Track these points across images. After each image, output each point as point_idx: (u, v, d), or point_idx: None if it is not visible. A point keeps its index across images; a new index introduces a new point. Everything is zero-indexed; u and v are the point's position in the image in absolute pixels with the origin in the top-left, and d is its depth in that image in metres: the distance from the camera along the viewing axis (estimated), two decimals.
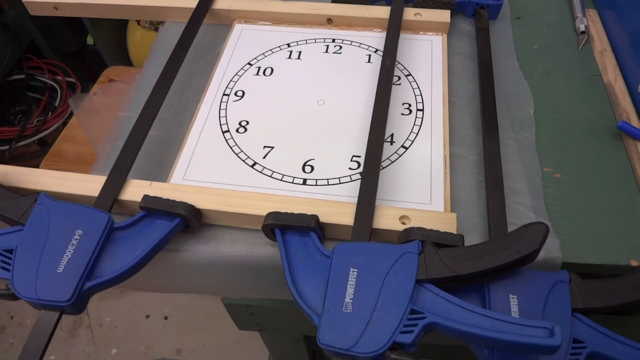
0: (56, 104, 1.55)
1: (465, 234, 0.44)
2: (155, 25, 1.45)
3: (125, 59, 1.54)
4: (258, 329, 0.88)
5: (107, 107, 1.18)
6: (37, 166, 1.63)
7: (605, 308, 0.38)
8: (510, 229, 0.42)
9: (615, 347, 0.36)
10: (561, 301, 0.38)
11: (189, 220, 0.43)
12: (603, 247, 0.44)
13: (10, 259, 0.39)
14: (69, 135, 1.20)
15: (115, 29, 1.50)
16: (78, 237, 0.40)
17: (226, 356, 1.33)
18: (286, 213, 0.41)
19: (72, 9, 0.64)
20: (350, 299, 0.36)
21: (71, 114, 1.56)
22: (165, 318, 1.40)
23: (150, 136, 0.49)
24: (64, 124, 1.58)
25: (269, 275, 0.45)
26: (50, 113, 1.53)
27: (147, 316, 1.40)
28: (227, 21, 0.63)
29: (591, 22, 0.61)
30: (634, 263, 0.43)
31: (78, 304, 0.38)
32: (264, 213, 0.42)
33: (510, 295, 0.38)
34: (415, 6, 0.60)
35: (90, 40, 1.57)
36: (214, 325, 1.37)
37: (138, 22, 1.49)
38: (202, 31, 0.59)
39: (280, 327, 0.88)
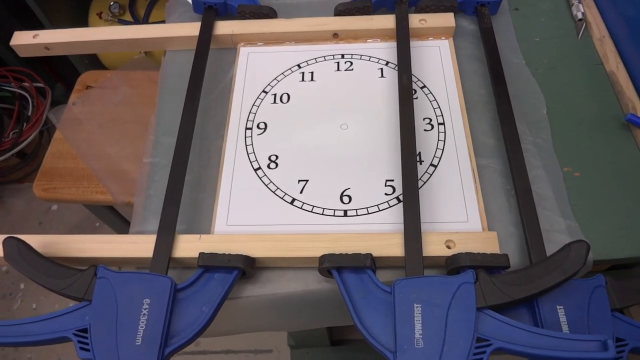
0: (29, 113, 1.49)
1: (503, 244, 0.47)
2: (117, 17, 1.38)
3: (91, 57, 1.47)
4: None
5: (90, 117, 1.14)
6: (20, 179, 1.59)
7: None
8: (543, 236, 0.46)
9: None
10: (601, 304, 0.42)
11: (246, 270, 0.44)
12: (627, 241, 0.48)
13: (86, 338, 0.40)
14: (55, 151, 1.16)
15: (76, 25, 1.42)
16: (147, 307, 0.41)
17: (243, 340, 1.38)
18: (341, 254, 0.44)
19: (65, 47, 0.62)
20: (420, 334, 0.39)
21: (47, 122, 1.51)
22: None
23: None
24: (41, 132, 1.52)
25: (326, 308, 0.48)
26: (25, 124, 1.47)
27: None
28: (230, 45, 0.62)
29: (587, 8, 0.63)
30: None
31: None
32: (317, 254, 0.44)
33: (558, 307, 0.41)
34: (417, 11, 0.61)
35: None
36: None
37: (99, 15, 1.43)
38: (208, 58, 0.58)
39: None
